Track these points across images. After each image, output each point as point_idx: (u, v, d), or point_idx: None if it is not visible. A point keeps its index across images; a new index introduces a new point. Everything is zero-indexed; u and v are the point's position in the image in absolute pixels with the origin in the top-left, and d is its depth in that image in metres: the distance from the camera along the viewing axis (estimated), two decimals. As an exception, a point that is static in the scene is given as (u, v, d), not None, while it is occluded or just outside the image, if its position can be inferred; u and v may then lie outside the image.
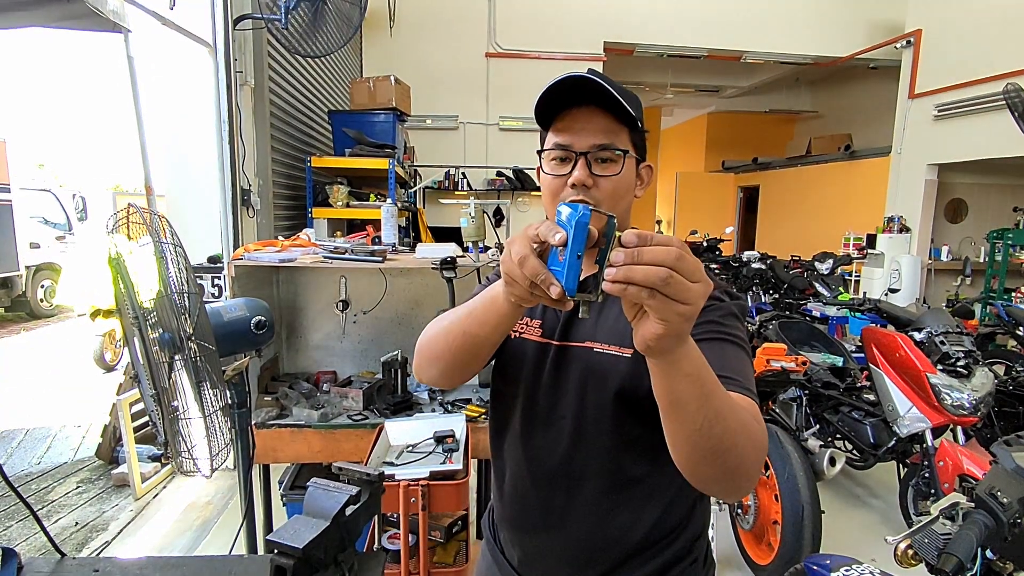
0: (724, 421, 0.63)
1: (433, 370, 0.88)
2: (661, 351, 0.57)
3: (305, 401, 2.08)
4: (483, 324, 0.76)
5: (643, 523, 0.88)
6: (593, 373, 0.86)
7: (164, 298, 1.24)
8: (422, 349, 0.89)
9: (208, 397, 1.28)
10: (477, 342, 0.79)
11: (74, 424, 4.07)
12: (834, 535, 2.16)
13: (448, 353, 0.83)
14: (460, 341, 0.80)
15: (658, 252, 0.51)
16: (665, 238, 0.53)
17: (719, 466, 0.66)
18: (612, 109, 0.81)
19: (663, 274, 0.50)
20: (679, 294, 0.51)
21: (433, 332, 0.87)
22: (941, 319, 2.54)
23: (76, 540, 2.62)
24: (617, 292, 0.52)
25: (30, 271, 8.01)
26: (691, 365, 0.60)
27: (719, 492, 0.74)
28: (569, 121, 0.83)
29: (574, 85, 0.79)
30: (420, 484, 1.43)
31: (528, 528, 0.94)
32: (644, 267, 0.50)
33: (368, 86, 4.18)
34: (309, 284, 2.37)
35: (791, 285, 4.98)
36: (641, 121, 0.86)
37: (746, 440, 0.66)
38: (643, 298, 0.51)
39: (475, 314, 0.77)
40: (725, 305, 0.83)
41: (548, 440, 0.90)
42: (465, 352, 0.81)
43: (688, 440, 0.64)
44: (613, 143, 0.82)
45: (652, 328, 0.54)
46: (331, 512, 0.81)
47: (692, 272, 0.51)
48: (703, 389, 0.61)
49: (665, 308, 0.51)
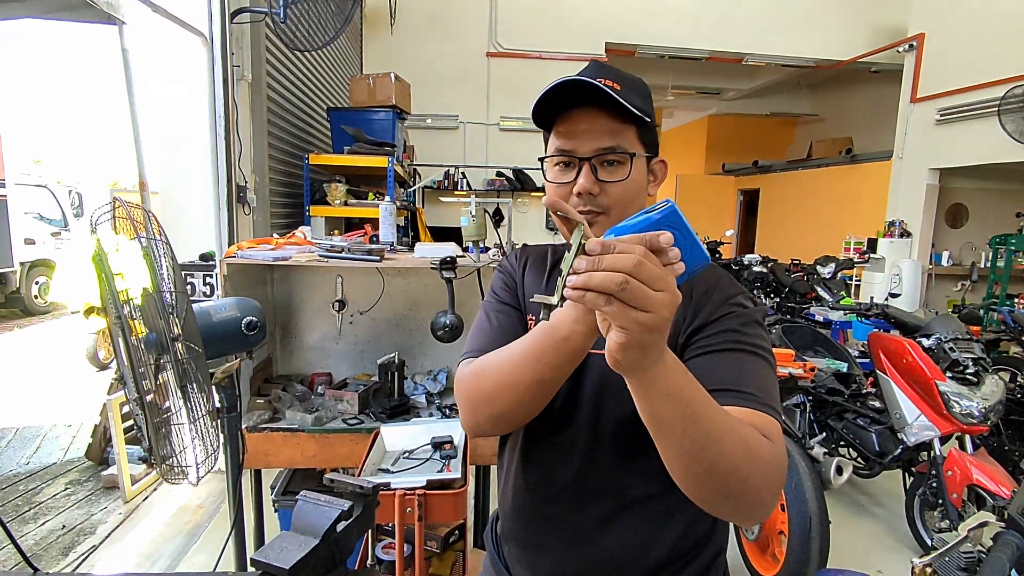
0: (718, 444, 0.59)
1: (498, 425, 0.81)
2: (630, 365, 0.54)
3: (299, 404, 2.02)
4: (558, 367, 0.69)
5: (664, 541, 0.83)
6: (611, 383, 0.80)
7: (150, 297, 1.18)
8: (477, 403, 0.79)
9: (195, 401, 1.22)
10: (552, 387, 0.73)
11: (65, 424, 4.00)
12: (838, 545, 2.11)
13: (519, 406, 0.76)
14: (534, 390, 0.73)
15: (617, 259, 0.49)
16: (628, 246, 0.50)
17: (718, 490, 0.62)
18: (615, 108, 0.75)
19: (618, 279, 0.48)
20: (637, 301, 0.49)
21: (491, 385, 0.77)
22: (950, 325, 2.49)
23: (62, 544, 2.56)
24: (576, 299, 0.50)
25: (24, 267, 7.94)
26: (670, 384, 0.56)
27: (728, 516, 0.69)
28: (571, 124, 0.77)
29: (572, 87, 0.73)
30: (417, 494, 1.37)
31: (539, 547, 0.89)
32: (601, 273, 0.49)
33: (368, 83, 4.13)
34: (304, 283, 2.31)
35: (792, 289, 4.94)
36: (649, 114, 0.79)
37: (751, 463, 0.61)
38: (600, 305, 0.50)
39: (546, 360, 0.69)
40: (747, 312, 0.78)
41: (561, 453, 0.85)
42: (542, 400, 0.75)
43: (678, 461, 0.61)
44: (619, 144, 0.77)
45: (613, 337, 0.52)
46: (321, 529, 0.75)
47: (654, 280, 0.49)
48: (687, 410, 0.57)
49: (622, 315, 0.50)
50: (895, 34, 7.18)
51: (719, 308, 0.78)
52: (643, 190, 0.81)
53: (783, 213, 10.08)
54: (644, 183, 0.81)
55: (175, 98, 2.94)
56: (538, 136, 0.85)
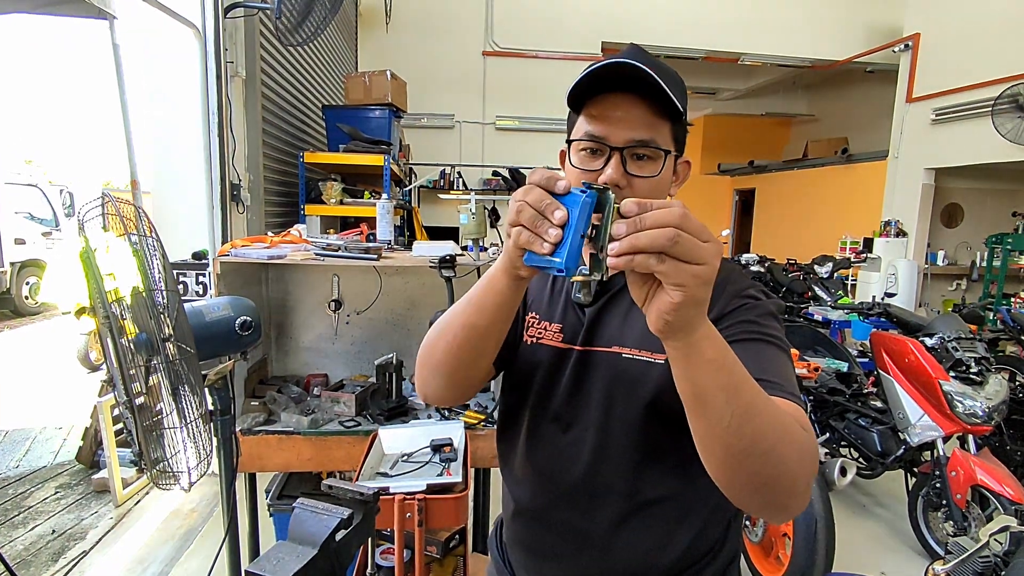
0: (758, 417, 0.55)
1: (438, 378, 0.78)
2: (681, 326, 0.51)
3: (294, 406, 1.97)
4: (483, 309, 0.68)
5: (676, 545, 0.79)
6: (621, 381, 0.77)
7: (140, 296, 1.13)
8: (423, 359, 0.79)
9: (187, 404, 1.18)
10: (479, 333, 0.70)
11: (55, 426, 3.94)
12: (840, 547, 2.08)
13: (450, 355, 0.74)
14: (462, 336, 0.71)
15: (660, 214, 0.47)
16: (664, 201, 0.48)
17: (756, 473, 0.57)
18: (656, 98, 0.70)
19: (670, 233, 0.46)
20: (690, 254, 0.47)
21: (431, 337, 0.77)
22: (953, 324, 2.47)
23: (52, 550, 2.50)
24: (624, 265, 0.48)
25: (15, 268, 7.85)
26: (714, 350, 0.53)
27: (760, 508, 0.63)
28: (605, 108, 0.72)
29: (616, 69, 0.68)
30: (417, 498, 1.33)
31: (546, 554, 0.85)
32: (648, 231, 0.46)
33: (364, 81, 4.08)
34: (300, 283, 2.27)
35: (790, 289, 4.92)
36: (685, 112, 0.75)
37: (788, 445, 0.57)
38: (652, 265, 0.47)
39: (473, 300, 0.69)
40: (762, 304, 0.75)
41: (568, 455, 0.81)
42: (469, 348, 0.72)
43: (718, 440, 0.56)
44: (654, 139, 0.72)
45: (668, 298, 0.49)
46: (319, 538, 0.72)
47: (700, 231, 0.48)
48: (730, 379, 0.54)
49: (678, 271, 0.47)
50: (890, 34, 7.19)
51: (733, 300, 0.75)
52: (667, 190, 0.77)
53: (779, 213, 10.09)
54: (669, 182, 0.77)
55: (168, 94, 2.89)
56: (535, 136, 0.82)
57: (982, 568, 1.03)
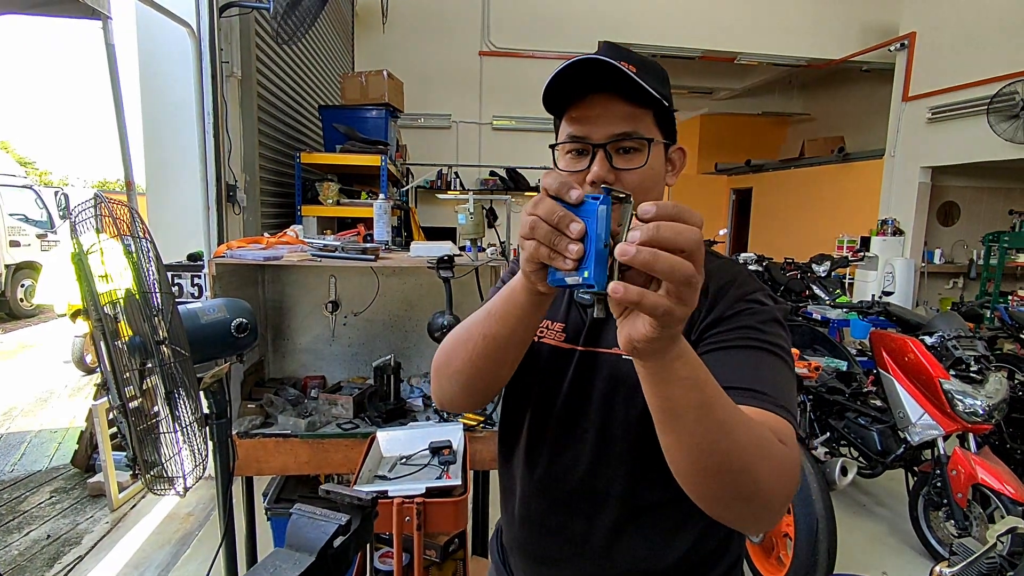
0: (732, 435, 0.54)
1: (454, 386, 0.76)
2: (651, 353, 0.49)
3: (291, 408, 1.96)
4: (504, 321, 0.66)
5: (676, 549, 0.78)
6: (622, 383, 0.75)
7: (133, 298, 1.12)
8: (439, 366, 0.78)
9: (182, 407, 1.16)
10: (500, 344, 0.68)
11: (50, 429, 3.91)
12: (841, 547, 2.07)
13: (469, 364, 0.72)
14: (482, 346, 0.69)
15: (687, 236, 0.44)
16: (684, 208, 0.45)
17: (726, 489, 0.56)
18: (632, 90, 0.69)
19: (689, 272, 0.43)
20: (691, 297, 0.44)
21: (450, 345, 0.76)
22: (953, 323, 2.47)
23: (47, 555, 2.48)
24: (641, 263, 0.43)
25: (10, 270, 7.81)
26: (686, 369, 0.51)
27: (733, 521, 0.62)
28: (584, 109, 0.72)
29: (585, 69, 0.68)
30: (415, 502, 1.32)
31: (546, 558, 0.84)
32: (670, 259, 0.43)
33: (360, 81, 4.06)
34: (297, 284, 2.25)
35: (788, 287, 4.91)
36: (668, 97, 0.74)
37: (763, 461, 0.56)
38: (650, 292, 0.44)
39: (494, 312, 0.67)
40: (767, 309, 0.73)
41: (568, 457, 0.80)
42: (488, 359, 0.70)
43: (687, 456, 0.55)
44: (635, 130, 0.71)
45: (643, 329, 0.46)
46: (317, 545, 0.70)
47: (700, 263, 0.45)
48: (703, 396, 0.52)
49: (669, 311, 0.45)
50: (886, 33, 7.20)
51: (736, 304, 0.73)
52: (661, 179, 0.76)
53: (776, 212, 10.10)
54: (662, 171, 0.76)
55: (163, 95, 2.87)
56: (532, 136, 0.81)
57: (987, 569, 1.02)
